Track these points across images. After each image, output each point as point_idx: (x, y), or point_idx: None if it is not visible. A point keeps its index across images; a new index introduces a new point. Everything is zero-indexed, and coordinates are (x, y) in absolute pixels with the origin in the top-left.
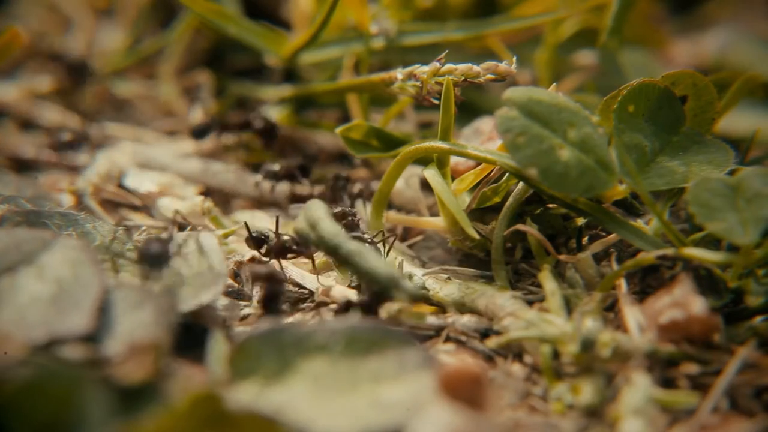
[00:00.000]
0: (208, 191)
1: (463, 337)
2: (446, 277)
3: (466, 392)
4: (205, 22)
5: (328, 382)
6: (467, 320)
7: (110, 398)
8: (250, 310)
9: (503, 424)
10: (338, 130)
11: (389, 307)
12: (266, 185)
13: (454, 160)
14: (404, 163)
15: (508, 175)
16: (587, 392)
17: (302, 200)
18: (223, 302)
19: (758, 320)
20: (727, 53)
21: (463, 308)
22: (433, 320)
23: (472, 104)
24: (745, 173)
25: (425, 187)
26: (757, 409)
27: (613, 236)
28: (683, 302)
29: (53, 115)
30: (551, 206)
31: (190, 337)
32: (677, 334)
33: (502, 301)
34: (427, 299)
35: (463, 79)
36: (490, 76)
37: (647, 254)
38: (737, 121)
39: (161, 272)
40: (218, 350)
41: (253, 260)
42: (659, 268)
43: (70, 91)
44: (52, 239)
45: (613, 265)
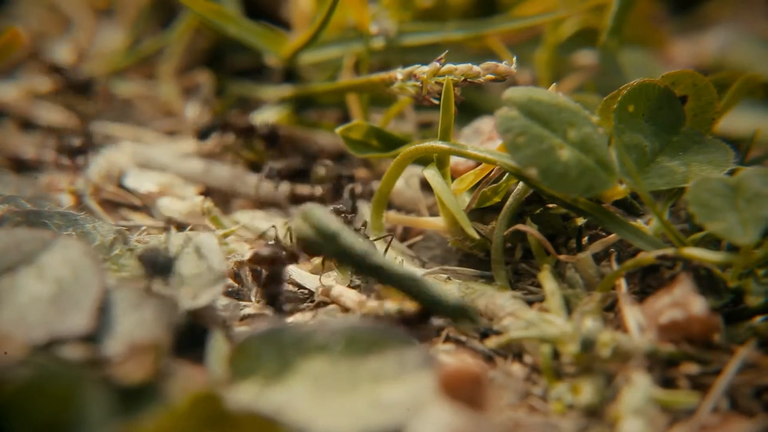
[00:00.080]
0: (208, 191)
1: (463, 337)
2: (446, 277)
3: (466, 392)
4: (205, 22)
5: (328, 382)
6: None
7: (110, 398)
8: (250, 310)
9: (503, 424)
10: (338, 130)
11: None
12: (267, 185)
13: (454, 160)
14: (404, 163)
15: (508, 175)
16: (587, 392)
17: (303, 200)
18: (223, 302)
19: (758, 320)
20: (727, 53)
21: None
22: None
23: (472, 104)
24: (745, 173)
25: (425, 187)
26: (757, 409)
27: (613, 236)
28: (683, 302)
29: (53, 115)
30: (551, 206)
31: (190, 337)
32: (677, 334)
33: (502, 301)
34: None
35: (463, 79)
36: (490, 76)
37: (647, 254)
38: (737, 121)
39: (165, 281)
40: (218, 350)
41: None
42: (659, 268)
43: (70, 93)
44: (52, 239)
45: (613, 265)
